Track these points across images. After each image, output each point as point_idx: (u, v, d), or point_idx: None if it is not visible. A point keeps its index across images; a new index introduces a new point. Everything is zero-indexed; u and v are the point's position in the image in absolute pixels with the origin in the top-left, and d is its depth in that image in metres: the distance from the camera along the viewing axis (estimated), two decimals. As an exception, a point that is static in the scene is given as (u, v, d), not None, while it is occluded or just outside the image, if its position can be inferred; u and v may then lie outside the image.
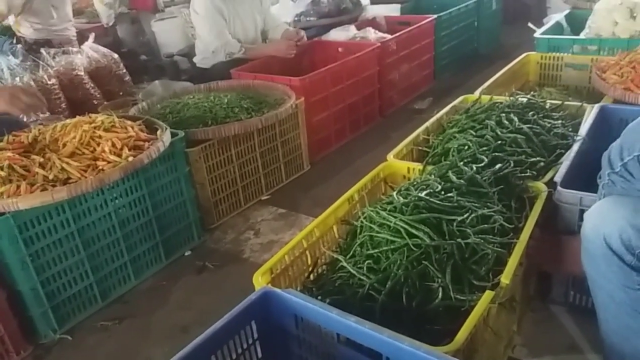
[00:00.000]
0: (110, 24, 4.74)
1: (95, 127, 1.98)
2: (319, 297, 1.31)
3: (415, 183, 1.52)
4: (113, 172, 1.80)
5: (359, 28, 3.70)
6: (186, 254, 2.24)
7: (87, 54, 3.61)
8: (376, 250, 1.33)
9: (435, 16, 3.89)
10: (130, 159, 1.86)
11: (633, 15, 2.71)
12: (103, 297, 1.97)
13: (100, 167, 1.82)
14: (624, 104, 2.01)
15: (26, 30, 3.72)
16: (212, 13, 3.16)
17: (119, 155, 1.89)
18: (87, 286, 1.91)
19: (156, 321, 1.88)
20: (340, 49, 3.42)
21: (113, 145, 1.92)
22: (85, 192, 1.75)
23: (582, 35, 2.92)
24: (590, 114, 1.92)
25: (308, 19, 3.95)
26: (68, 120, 2.07)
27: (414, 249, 1.27)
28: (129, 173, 1.88)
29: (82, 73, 3.47)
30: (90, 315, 1.92)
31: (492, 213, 1.37)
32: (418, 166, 1.74)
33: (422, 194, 1.39)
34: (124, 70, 3.80)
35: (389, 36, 3.54)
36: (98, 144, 1.92)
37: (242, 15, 3.33)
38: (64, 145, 1.91)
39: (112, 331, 1.86)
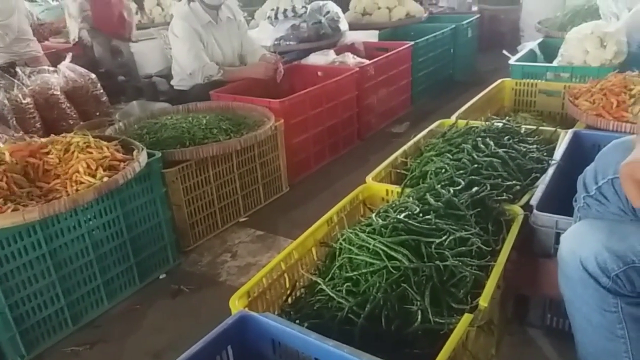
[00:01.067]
0: (74, 41, 4.70)
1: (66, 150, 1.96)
2: (297, 321, 1.29)
3: (393, 205, 1.52)
4: (87, 193, 1.77)
5: (337, 53, 3.75)
6: (161, 277, 2.19)
7: (64, 74, 3.57)
8: (355, 273, 1.32)
9: (412, 43, 3.97)
10: (105, 179, 1.83)
11: (603, 44, 2.80)
12: (74, 321, 1.91)
13: (75, 188, 1.79)
14: (596, 130, 2.07)
15: None
16: (191, 36, 3.17)
17: (94, 176, 1.86)
18: (57, 310, 1.85)
19: (129, 346, 1.82)
20: (319, 73, 3.45)
21: (87, 166, 1.89)
22: (57, 212, 1.71)
23: (554, 63, 3.00)
24: (564, 139, 1.96)
25: (288, 43, 3.99)
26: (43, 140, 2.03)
27: (393, 271, 1.26)
28: (104, 194, 1.84)
29: (58, 92, 3.42)
30: (60, 340, 1.86)
31: (470, 235, 1.38)
32: (396, 188, 1.75)
33: (401, 216, 1.40)
34: (101, 91, 3.76)
35: (367, 61, 3.59)
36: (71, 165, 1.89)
37: (219, 39, 3.35)
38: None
39: (83, 356, 1.79)
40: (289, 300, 1.44)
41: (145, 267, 2.15)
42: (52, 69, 3.61)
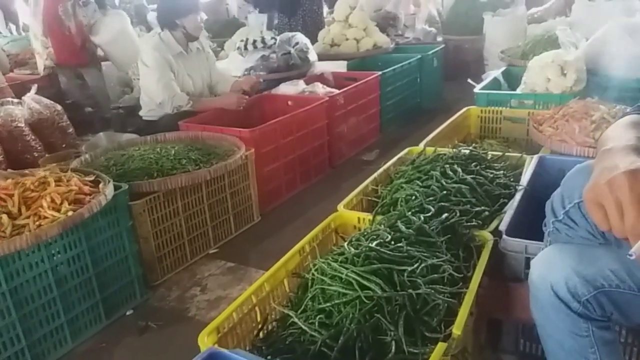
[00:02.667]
0: (42, 74, 4.65)
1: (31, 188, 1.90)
2: (269, 357, 1.25)
3: (365, 233, 1.52)
4: (50, 228, 1.72)
5: (307, 83, 3.78)
6: (128, 313, 2.12)
7: (29, 105, 3.49)
8: (328, 304, 1.30)
9: (380, 73, 4.04)
10: (70, 213, 1.78)
11: (564, 72, 2.90)
12: (35, 363, 1.82)
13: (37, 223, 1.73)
14: (560, 155, 2.11)
15: None
16: (161, 65, 3.16)
17: (58, 210, 1.81)
18: (17, 351, 1.77)
19: (94, 388, 1.75)
20: (289, 102, 3.47)
21: (52, 200, 1.84)
22: (18, 249, 1.65)
23: (518, 91, 3.09)
24: (530, 164, 2.00)
25: (257, 73, 4.01)
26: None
27: (366, 301, 1.25)
28: (68, 228, 1.79)
29: (22, 124, 3.34)
30: (20, 384, 1.77)
31: (441, 262, 1.37)
32: (368, 216, 1.75)
33: (373, 244, 1.39)
34: (67, 122, 3.69)
35: (336, 91, 3.63)
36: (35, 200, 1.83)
37: (190, 69, 3.34)
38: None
39: (44, 401, 1.71)
40: (261, 334, 1.40)
41: (112, 303, 2.08)
42: (16, 100, 3.53)
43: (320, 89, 3.65)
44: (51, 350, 1.88)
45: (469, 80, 3.47)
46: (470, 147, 2.13)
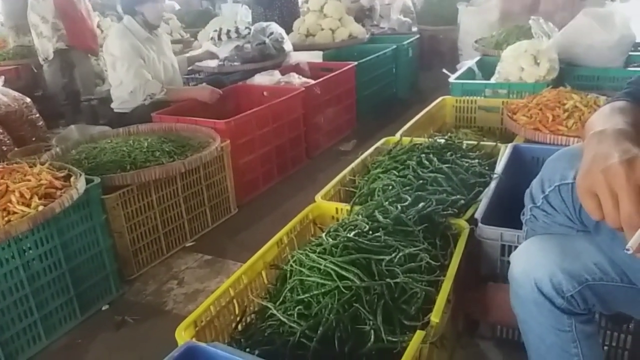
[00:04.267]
0: (50, 58, 4.56)
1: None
2: (248, 349, 1.24)
3: (343, 224, 1.51)
4: (21, 223, 1.67)
5: (283, 73, 3.75)
6: (103, 308, 2.09)
7: (-5, 98, 3.39)
8: (307, 295, 1.29)
9: (355, 63, 4.03)
10: (41, 208, 1.74)
11: (537, 61, 2.93)
12: (8, 361, 1.78)
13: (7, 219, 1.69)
14: (534, 143, 2.14)
15: None
16: (129, 53, 3.09)
17: (28, 205, 1.76)
18: (-11, 350, 1.73)
19: (69, 385, 1.72)
20: (265, 93, 3.44)
21: (21, 195, 1.79)
22: (-13, 245, 1.60)
23: (492, 80, 3.12)
24: (505, 153, 2.02)
25: (232, 64, 3.96)
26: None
27: (345, 291, 1.25)
28: (39, 224, 1.75)
29: (-11, 118, 3.24)
30: (-8, 383, 1.73)
31: (419, 251, 1.38)
32: (346, 206, 1.74)
33: (351, 235, 1.39)
34: (37, 115, 3.59)
35: (312, 81, 3.61)
36: (3, 195, 1.78)
37: (158, 52, 3.29)
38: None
39: (18, 400, 1.68)
40: (239, 327, 1.39)
41: (87, 298, 2.04)
42: (-19, 93, 3.42)
43: (296, 79, 3.63)
44: (25, 347, 1.84)
45: (444, 70, 3.48)
46: (446, 137, 2.14)
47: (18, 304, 1.79)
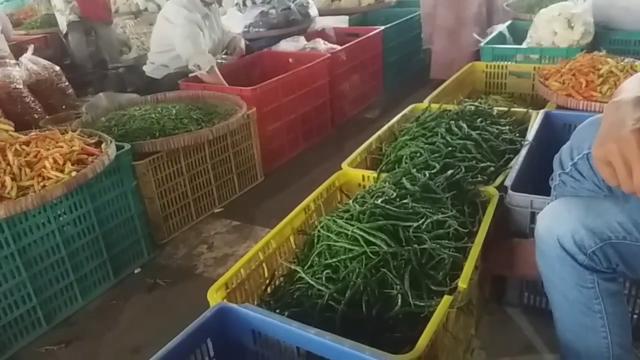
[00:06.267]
0: (64, 31, 4.61)
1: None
2: (277, 311, 1.27)
3: (370, 191, 1.52)
4: (55, 189, 1.72)
5: (308, 39, 3.71)
6: (136, 271, 2.15)
7: (26, 67, 3.44)
8: (334, 260, 1.31)
9: (382, 28, 3.95)
10: (74, 174, 1.78)
11: (571, 25, 2.83)
12: (48, 320, 1.86)
13: (42, 184, 1.74)
14: (566, 110, 2.09)
15: None
16: (190, 23, 3.03)
17: (62, 171, 1.80)
18: (29, 309, 1.80)
19: (106, 343, 1.79)
20: (290, 60, 3.41)
21: (55, 161, 1.83)
22: (24, 210, 1.66)
23: (524, 45, 3.03)
24: (536, 119, 1.98)
25: (257, 30, 3.93)
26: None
27: (372, 256, 1.26)
28: (73, 189, 1.79)
29: (21, 86, 3.30)
30: (34, 340, 1.81)
31: (447, 218, 1.38)
32: (372, 174, 1.74)
33: (378, 202, 1.39)
34: (67, 83, 3.64)
35: (338, 47, 3.56)
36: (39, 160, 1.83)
37: (210, 30, 3.26)
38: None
39: (59, 356, 1.75)
40: (268, 290, 1.42)
41: (120, 262, 2.10)
42: (13, 61, 3.48)
43: (321, 45, 3.59)
44: (62, 308, 1.91)
45: (474, 35, 3.39)
46: (476, 103, 2.11)
47: (55, 266, 1.86)
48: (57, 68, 3.60)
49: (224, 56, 3.46)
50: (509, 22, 3.57)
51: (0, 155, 1.88)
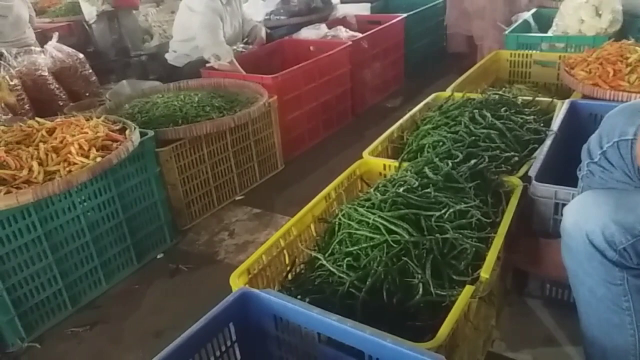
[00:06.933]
0: (92, 21, 4.64)
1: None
2: (298, 297, 1.28)
3: (392, 180, 1.51)
4: (81, 174, 1.75)
5: (329, 27, 3.69)
6: (158, 256, 2.19)
7: (51, 54, 3.49)
8: (355, 248, 1.31)
9: (405, 15, 3.91)
10: (99, 159, 1.81)
11: (598, 13, 2.77)
12: (73, 302, 1.90)
13: (67, 169, 1.77)
14: (592, 99, 2.05)
15: None
16: (211, 11, 3.04)
17: (87, 157, 1.83)
18: (55, 292, 1.84)
19: (129, 326, 1.82)
20: (311, 48, 3.40)
21: (80, 147, 1.86)
22: (51, 194, 1.69)
23: (549, 33, 2.97)
24: (561, 109, 1.94)
25: (278, 17, 3.93)
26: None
27: (394, 245, 1.26)
28: (98, 174, 1.82)
29: (46, 73, 3.35)
30: (59, 322, 1.86)
31: (469, 208, 1.37)
32: (394, 163, 1.74)
33: (400, 190, 1.39)
34: (90, 71, 3.69)
35: (360, 35, 3.53)
36: (64, 146, 1.86)
37: (231, 17, 3.26)
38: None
39: (83, 337, 1.79)
40: (289, 276, 1.43)
41: (143, 247, 2.14)
42: (38, 49, 3.53)
43: (343, 33, 3.57)
44: (87, 291, 1.95)
45: (499, 23, 3.34)
46: (500, 92, 2.08)
47: (80, 250, 1.90)
48: (81, 55, 3.64)
49: (243, 45, 3.46)
50: (534, 9, 3.50)
51: (28, 141, 1.93)
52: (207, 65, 3.00)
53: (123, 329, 1.81)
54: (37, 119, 2.12)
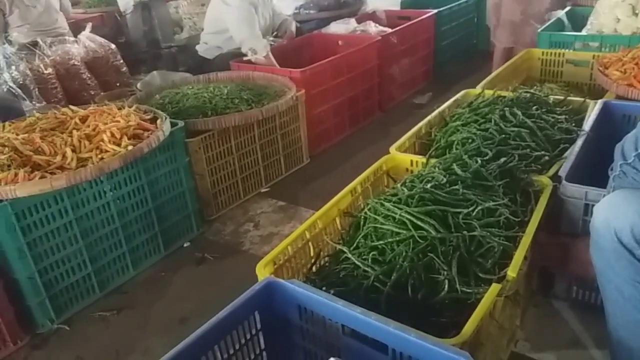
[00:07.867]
0: (128, 12, 4.70)
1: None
2: (323, 289, 1.29)
3: (419, 175, 1.51)
4: (112, 161, 1.78)
5: (359, 21, 3.68)
6: (185, 245, 2.22)
7: (84, 44, 3.57)
8: (381, 242, 1.31)
9: (435, 11, 3.88)
10: (130, 147, 1.84)
11: (635, 12, 2.70)
12: (101, 287, 1.95)
13: (100, 156, 1.81)
14: (627, 100, 2.01)
15: (14, 34, 3.61)
16: (246, 5, 3.04)
17: (118, 145, 1.87)
18: (85, 276, 1.89)
19: (155, 312, 1.86)
20: (340, 42, 3.40)
21: (112, 135, 1.90)
22: (84, 180, 1.73)
23: (583, 32, 2.91)
24: (594, 109, 1.91)
25: (308, 11, 3.93)
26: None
27: (420, 240, 1.26)
28: (129, 162, 1.86)
29: (79, 63, 3.43)
30: (88, 306, 1.90)
31: (498, 206, 1.36)
32: (421, 159, 1.73)
33: (428, 186, 1.38)
34: (121, 61, 3.76)
35: (389, 30, 3.52)
36: (97, 134, 1.91)
37: (263, 8, 3.28)
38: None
39: (110, 321, 1.84)
40: (314, 268, 1.44)
41: (170, 235, 2.17)
42: (72, 39, 3.61)
43: (372, 28, 3.55)
44: (115, 276, 2.00)
45: (531, 21, 3.28)
46: (531, 90, 2.05)
47: (109, 236, 1.94)
48: (113, 46, 3.72)
49: (273, 38, 3.48)
50: (567, 7, 3.43)
51: (62, 128, 1.98)
52: (245, 58, 3.01)
53: (149, 315, 1.85)
54: (70, 106, 2.17)
